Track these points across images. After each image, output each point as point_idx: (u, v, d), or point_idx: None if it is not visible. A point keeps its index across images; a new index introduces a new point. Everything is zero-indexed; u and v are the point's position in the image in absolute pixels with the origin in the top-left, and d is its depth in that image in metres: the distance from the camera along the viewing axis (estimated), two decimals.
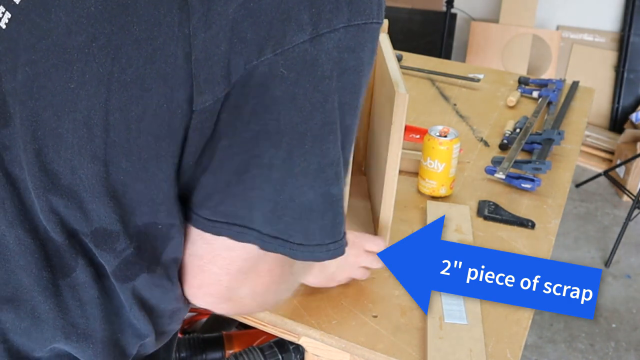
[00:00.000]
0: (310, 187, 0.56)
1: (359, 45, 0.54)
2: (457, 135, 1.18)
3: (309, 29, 0.50)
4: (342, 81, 0.54)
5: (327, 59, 0.52)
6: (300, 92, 0.52)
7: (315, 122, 0.54)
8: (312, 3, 0.51)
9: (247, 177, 0.55)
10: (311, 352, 0.93)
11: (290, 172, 0.55)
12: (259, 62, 0.50)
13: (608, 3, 3.25)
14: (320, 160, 0.55)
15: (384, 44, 1.08)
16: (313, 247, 0.59)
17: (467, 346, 0.86)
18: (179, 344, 1.34)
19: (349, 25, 0.52)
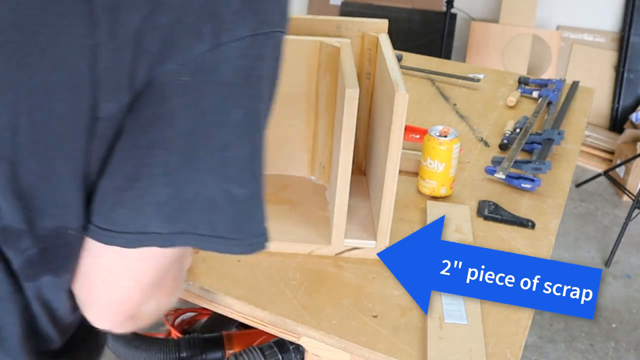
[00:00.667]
0: (213, 184, 0.58)
1: (264, 53, 0.56)
2: (457, 135, 1.18)
3: (209, 39, 0.53)
4: (248, 88, 0.56)
5: (229, 66, 0.54)
6: (202, 97, 0.54)
7: (218, 126, 0.56)
8: (213, 14, 0.53)
9: (137, 184, 0.57)
10: (311, 352, 0.93)
11: (193, 171, 0.57)
12: (159, 72, 0.53)
13: (608, 3, 3.25)
14: (223, 161, 0.57)
15: (384, 44, 1.08)
16: (219, 238, 0.60)
17: (467, 346, 0.86)
18: (179, 344, 1.34)
19: (254, 34, 0.55)
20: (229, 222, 0.60)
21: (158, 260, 0.62)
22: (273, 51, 0.57)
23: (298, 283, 0.97)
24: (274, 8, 0.57)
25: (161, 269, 0.63)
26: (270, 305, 0.93)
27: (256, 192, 0.61)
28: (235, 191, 0.59)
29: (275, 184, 1.19)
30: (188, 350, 1.33)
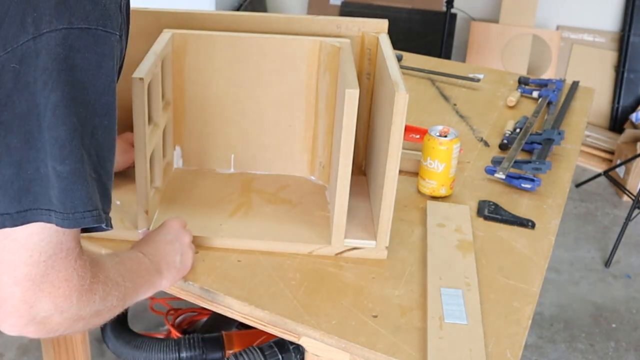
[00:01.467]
0: (44, 162, 0.63)
1: (83, 46, 0.63)
2: (457, 135, 1.18)
3: (31, 30, 0.61)
4: (70, 76, 0.63)
5: (48, 53, 0.62)
6: (29, 82, 0.62)
7: (43, 108, 0.62)
8: (35, 8, 0.62)
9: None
10: (311, 352, 0.93)
11: (32, 149, 0.63)
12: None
13: (608, 3, 3.25)
14: (49, 140, 0.63)
15: (384, 44, 1.08)
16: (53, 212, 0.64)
17: (467, 346, 0.87)
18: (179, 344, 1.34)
19: (70, 27, 0.62)
20: (58, 196, 0.64)
21: (26, 252, 0.64)
22: (96, 47, 0.64)
23: (298, 283, 0.97)
24: (92, 7, 0.64)
25: (34, 263, 0.65)
26: (270, 305, 0.93)
27: (76, 170, 0.65)
28: (59, 168, 0.64)
29: (275, 184, 1.19)
30: (188, 350, 1.33)
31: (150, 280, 0.88)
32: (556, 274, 2.42)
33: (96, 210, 0.66)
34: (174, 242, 0.96)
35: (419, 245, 1.07)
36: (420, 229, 1.12)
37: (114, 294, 0.75)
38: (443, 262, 1.02)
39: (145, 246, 0.93)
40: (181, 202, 1.12)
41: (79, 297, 0.69)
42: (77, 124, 0.64)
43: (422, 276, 1.00)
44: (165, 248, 0.94)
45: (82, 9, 0.63)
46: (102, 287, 0.72)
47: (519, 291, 0.99)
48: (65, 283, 0.67)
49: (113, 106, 0.68)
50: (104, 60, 0.65)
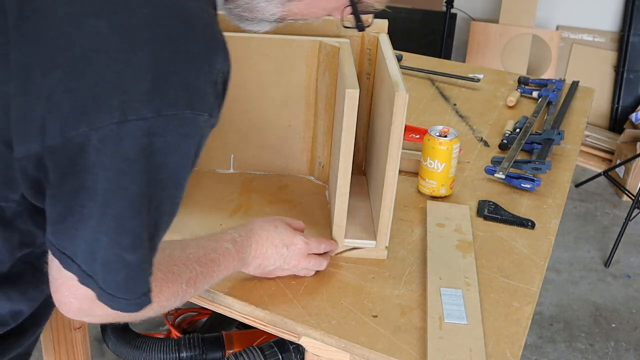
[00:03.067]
0: (109, 246, 0.64)
1: (167, 131, 0.60)
2: (457, 135, 1.18)
3: (117, 113, 0.58)
4: (146, 165, 0.61)
5: (132, 142, 0.59)
6: (107, 164, 0.59)
7: (119, 193, 0.61)
8: (124, 91, 0.58)
9: (69, 219, 0.63)
10: (311, 352, 0.93)
11: (98, 227, 0.63)
12: (76, 133, 0.58)
13: (608, 3, 3.25)
14: (119, 227, 0.63)
15: (384, 44, 1.08)
16: (111, 296, 0.66)
17: (467, 346, 0.87)
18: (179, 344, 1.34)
19: (158, 115, 0.59)
20: (120, 283, 0.66)
21: None
22: (176, 129, 0.61)
23: (298, 283, 0.97)
24: (183, 92, 0.60)
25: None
26: (270, 305, 0.93)
27: (145, 257, 0.66)
28: (128, 257, 0.64)
29: (275, 184, 1.19)
30: (188, 350, 1.33)
31: (229, 271, 0.89)
32: (556, 273, 2.42)
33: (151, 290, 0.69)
34: (280, 248, 0.94)
35: (419, 245, 1.07)
36: (420, 229, 1.12)
37: (178, 299, 0.78)
38: (443, 262, 1.02)
39: (248, 237, 0.91)
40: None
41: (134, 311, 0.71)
42: (154, 214, 0.64)
43: (422, 276, 1.00)
44: (267, 251, 0.93)
45: (174, 94, 0.60)
46: (165, 299, 0.75)
47: (518, 291, 0.99)
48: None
49: (184, 180, 0.67)
50: (186, 140, 0.63)
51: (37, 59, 0.58)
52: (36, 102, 0.58)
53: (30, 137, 0.59)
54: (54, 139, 0.59)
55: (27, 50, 0.58)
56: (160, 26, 0.60)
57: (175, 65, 0.60)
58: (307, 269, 0.97)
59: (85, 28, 0.58)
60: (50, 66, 0.57)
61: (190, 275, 0.80)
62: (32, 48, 0.58)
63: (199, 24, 0.62)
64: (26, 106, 0.58)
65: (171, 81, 0.60)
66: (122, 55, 0.58)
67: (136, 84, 0.58)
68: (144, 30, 0.59)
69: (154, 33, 0.59)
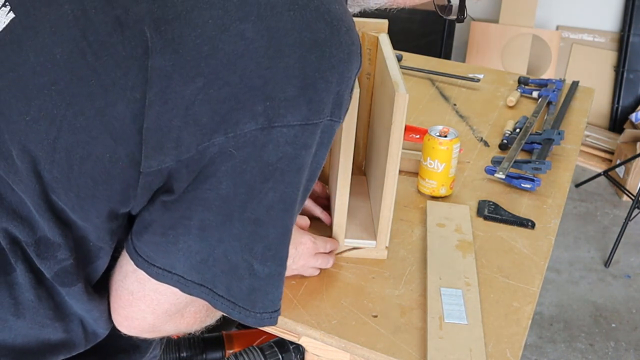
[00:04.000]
0: (239, 252, 0.61)
1: (311, 142, 0.58)
2: (457, 135, 1.18)
3: (261, 120, 0.55)
4: (289, 174, 0.59)
5: (276, 149, 0.56)
6: (245, 170, 0.57)
7: (254, 201, 0.59)
8: (269, 97, 0.55)
9: (171, 232, 0.60)
10: (311, 352, 0.93)
11: (225, 233, 0.60)
12: (210, 143, 0.55)
13: (608, 3, 3.25)
14: (252, 235, 0.61)
15: (384, 44, 1.08)
16: (232, 303, 0.64)
17: (467, 346, 0.87)
18: (179, 344, 1.34)
19: (306, 124, 0.57)
20: (244, 292, 0.63)
21: (175, 297, 0.65)
22: (320, 138, 0.59)
23: (298, 283, 0.97)
24: (328, 98, 0.58)
25: (177, 304, 0.66)
26: None
27: (276, 273, 0.64)
28: (257, 267, 0.62)
29: None
30: (188, 350, 1.33)
31: None
32: (556, 274, 2.42)
33: (279, 308, 0.67)
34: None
35: (419, 245, 1.07)
36: (420, 229, 1.12)
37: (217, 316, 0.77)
38: (443, 262, 1.02)
39: None
40: None
41: (199, 325, 0.71)
42: (289, 226, 0.62)
43: (422, 276, 1.00)
44: None
45: (320, 101, 0.57)
46: (216, 315, 0.74)
47: (518, 291, 0.99)
48: (194, 315, 0.69)
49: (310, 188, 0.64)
50: (322, 147, 0.61)
51: (179, 66, 0.54)
52: (174, 112, 0.54)
53: (163, 151, 0.56)
54: (189, 152, 0.56)
55: (169, 57, 0.54)
56: (307, 30, 0.56)
57: (322, 71, 0.57)
58: (314, 268, 0.97)
59: (230, 32, 0.54)
60: (192, 74, 0.54)
61: None
62: (174, 55, 0.54)
63: (343, 28, 0.59)
64: (162, 117, 0.54)
65: (318, 88, 0.57)
66: (268, 60, 0.55)
67: (283, 90, 0.55)
68: (291, 34, 0.56)
69: (301, 37, 0.56)
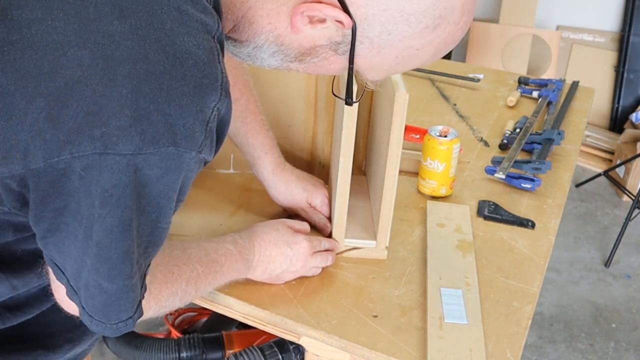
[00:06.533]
0: (90, 270, 0.64)
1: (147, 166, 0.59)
2: (457, 135, 1.18)
3: (98, 144, 0.57)
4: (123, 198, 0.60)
5: (111, 176, 0.59)
6: (91, 193, 0.59)
7: (98, 222, 0.61)
8: (104, 122, 0.57)
9: (57, 235, 0.64)
10: (311, 352, 0.93)
11: (83, 249, 0.63)
12: (59, 159, 0.58)
13: (608, 3, 3.25)
14: (98, 255, 0.63)
15: None
16: (90, 316, 0.68)
17: (467, 346, 0.86)
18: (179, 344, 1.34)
19: (138, 153, 0.58)
20: (97, 307, 0.67)
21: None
22: (160, 165, 0.60)
23: (298, 283, 0.97)
24: (168, 129, 0.59)
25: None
26: (270, 305, 0.93)
27: (125, 286, 0.66)
28: (105, 285, 0.65)
29: None
30: (188, 350, 1.33)
31: (233, 274, 0.90)
32: (556, 274, 2.42)
33: (135, 313, 0.69)
34: (283, 249, 0.95)
35: (419, 245, 1.07)
36: (420, 229, 1.12)
37: (177, 299, 0.80)
38: (443, 262, 1.02)
39: (250, 239, 0.93)
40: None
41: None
42: (131, 246, 0.64)
43: (422, 276, 1.00)
44: (270, 253, 0.94)
45: (154, 132, 0.58)
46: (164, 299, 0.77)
47: (519, 291, 0.99)
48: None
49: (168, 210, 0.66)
50: (168, 174, 0.61)
51: (20, 85, 0.57)
52: (19, 127, 0.57)
53: (13, 160, 0.59)
54: (37, 163, 0.58)
55: (10, 76, 0.57)
56: (143, 61, 0.58)
57: (157, 103, 0.58)
58: (315, 267, 0.98)
59: (68, 57, 0.57)
60: (33, 94, 0.57)
61: (190, 275, 0.80)
62: (15, 74, 0.57)
63: (189, 61, 0.59)
64: (9, 131, 0.58)
65: (152, 119, 0.58)
66: (102, 88, 0.57)
67: (115, 118, 0.57)
68: (125, 64, 0.57)
69: (135, 68, 0.57)
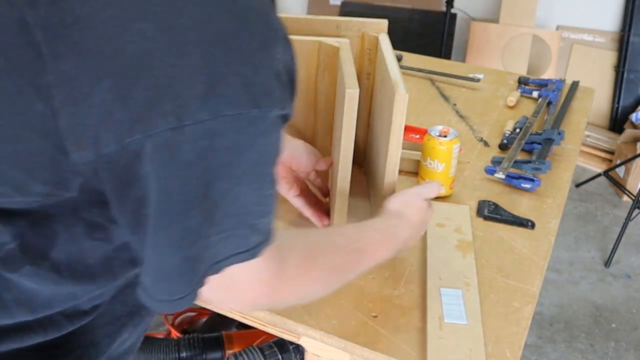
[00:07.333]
0: (170, 255, 0.62)
1: (234, 132, 0.57)
2: (457, 135, 1.18)
3: (171, 119, 0.55)
4: (214, 165, 0.58)
5: (192, 147, 0.56)
6: (164, 174, 0.57)
7: (176, 201, 0.59)
8: (178, 95, 0.54)
9: (141, 231, 0.62)
10: (311, 352, 0.93)
11: (156, 239, 0.61)
12: (131, 140, 0.55)
13: (608, 3, 3.25)
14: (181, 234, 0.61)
15: (384, 44, 1.08)
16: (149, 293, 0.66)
17: (467, 346, 0.87)
18: (179, 344, 1.34)
19: (216, 117, 0.56)
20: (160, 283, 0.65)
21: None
22: (247, 130, 0.58)
23: None
24: (244, 90, 0.57)
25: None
26: None
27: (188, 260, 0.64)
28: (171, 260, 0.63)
29: None
30: (188, 350, 1.33)
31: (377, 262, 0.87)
32: (556, 274, 2.42)
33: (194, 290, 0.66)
34: (417, 228, 0.93)
35: (419, 245, 1.07)
36: None
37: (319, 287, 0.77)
38: (443, 262, 1.02)
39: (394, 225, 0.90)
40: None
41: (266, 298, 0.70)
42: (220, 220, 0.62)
43: (422, 276, 1.00)
44: (410, 235, 0.92)
45: (232, 94, 0.56)
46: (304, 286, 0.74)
47: (518, 291, 0.99)
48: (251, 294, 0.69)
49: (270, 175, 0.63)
50: (260, 138, 0.59)
51: (83, 68, 0.54)
52: (87, 111, 0.55)
53: (84, 146, 0.56)
54: (109, 147, 0.56)
55: (72, 60, 0.54)
56: (209, 25, 0.56)
57: (231, 65, 0.56)
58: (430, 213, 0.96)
59: (131, 32, 0.54)
60: (98, 75, 0.54)
61: (334, 263, 0.77)
62: (76, 58, 0.54)
63: (252, 16, 0.58)
64: (76, 116, 0.55)
65: (228, 82, 0.56)
66: (171, 58, 0.55)
67: (189, 88, 0.55)
68: (192, 31, 0.55)
69: (203, 33, 0.55)
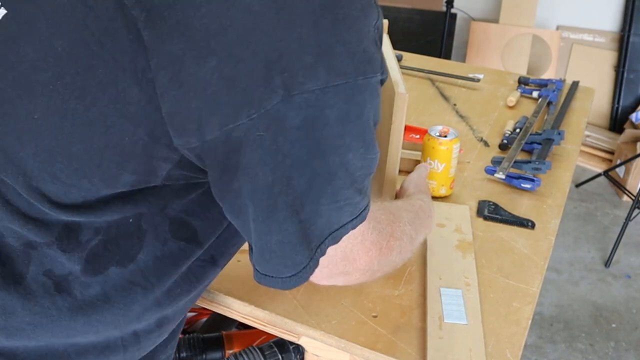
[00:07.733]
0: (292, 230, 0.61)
1: (341, 101, 0.56)
2: (457, 135, 1.18)
3: (281, 92, 0.54)
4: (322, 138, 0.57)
5: (300, 116, 0.55)
6: (276, 151, 0.56)
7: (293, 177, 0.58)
8: (285, 68, 0.53)
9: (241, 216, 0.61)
10: (311, 352, 0.93)
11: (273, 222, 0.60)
12: (235, 126, 0.54)
13: (608, 3, 3.25)
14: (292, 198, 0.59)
15: (384, 44, 1.08)
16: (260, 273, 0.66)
17: (467, 346, 0.87)
18: (178, 344, 1.34)
19: (325, 87, 0.55)
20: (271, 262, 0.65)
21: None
22: (356, 99, 0.58)
23: None
24: (350, 59, 0.57)
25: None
26: (270, 305, 0.93)
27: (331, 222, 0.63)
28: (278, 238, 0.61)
29: None
30: (188, 350, 1.33)
31: (428, 233, 0.90)
32: (556, 274, 2.42)
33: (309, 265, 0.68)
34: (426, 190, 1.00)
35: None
36: None
37: (407, 248, 0.78)
38: (443, 262, 1.02)
39: (425, 198, 0.94)
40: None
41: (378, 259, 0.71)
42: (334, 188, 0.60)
43: (422, 276, 1.00)
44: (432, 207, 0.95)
45: (340, 63, 0.56)
46: (398, 243, 0.74)
47: (518, 291, 0.99)
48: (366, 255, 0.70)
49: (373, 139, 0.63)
50: (366, 106, 0.59)
51: (189, 48, 0.53)
52: (192, 94, 0.54)
53: (187, 132, 0.56)
54: (212, 133, 0.55)
55: (177, 41, 0.53)
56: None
57: (338, 34, 0.56)
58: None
59: (236, 8, 0.53)
60: (203, 54, 0.53)
61: (403, 233, 0.77)
62: (181, 37, 0.53)
63: None
64: (181, 100, 0.54)
65: (336, 51, 0.56)
66: (279, 32, 0.54)
67: (298, 60, 0.54)
68: (298, 2, 0.55)
69: (309, 4, 0.55)
